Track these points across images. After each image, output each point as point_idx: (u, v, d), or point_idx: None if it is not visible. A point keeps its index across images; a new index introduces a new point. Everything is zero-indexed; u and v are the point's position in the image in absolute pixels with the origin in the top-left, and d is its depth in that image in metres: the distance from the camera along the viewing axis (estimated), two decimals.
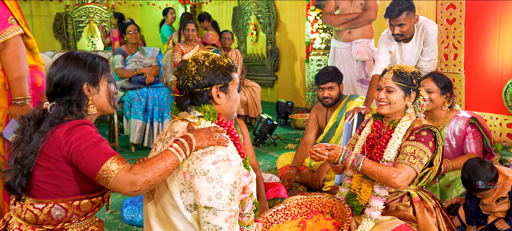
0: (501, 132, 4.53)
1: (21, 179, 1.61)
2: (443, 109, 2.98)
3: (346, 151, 2.16)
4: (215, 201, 1.53)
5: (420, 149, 2.13)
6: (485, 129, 2.90)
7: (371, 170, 2.11)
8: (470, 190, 2.49)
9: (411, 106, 2.27)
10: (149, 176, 1.52)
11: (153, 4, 10.94)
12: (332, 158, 2.14)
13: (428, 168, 2.20)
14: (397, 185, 2.08)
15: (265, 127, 5.18)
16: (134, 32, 5.31)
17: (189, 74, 1.71)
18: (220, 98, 1.74)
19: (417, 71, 2.29)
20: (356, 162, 2.12)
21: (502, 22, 4.40)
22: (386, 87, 2.25)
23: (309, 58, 6.79)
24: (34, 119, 1.66)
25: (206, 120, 1.71)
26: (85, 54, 1.76)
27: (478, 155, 2.85)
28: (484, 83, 4.65)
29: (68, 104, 1.67)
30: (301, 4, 7.53)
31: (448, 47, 4.84)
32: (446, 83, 2.95)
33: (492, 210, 2.48)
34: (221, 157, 1.56)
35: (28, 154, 1.61)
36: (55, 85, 1.69)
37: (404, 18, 3.49)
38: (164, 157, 1.55)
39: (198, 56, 1.75)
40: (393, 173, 2.07)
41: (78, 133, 1.59)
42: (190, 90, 1.71)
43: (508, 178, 2.45)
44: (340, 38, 4.54)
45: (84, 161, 1.56)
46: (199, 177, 1.54)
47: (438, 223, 2.18)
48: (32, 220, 1.63)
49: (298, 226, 2.25)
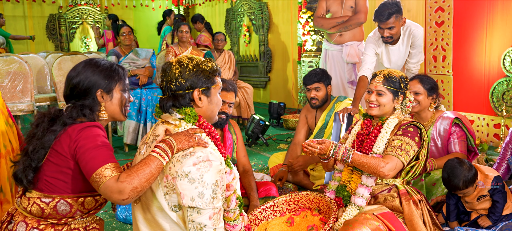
0: (488, 132, 4.63)
1: (28, 172, 1.68)
2: (429, 110, 3.07)
3: (336, 145, 2.26)
4: (198, 200, 1.58)
5: (406, 142, 2.25)
6: (469, 129, 2.99)
7: (360, 161, 2.22)
8: (451, 189, 2.58)
9: (398, 108, 2.41)
10: (136, 183, 1.55)
11: (146, 5, 10.99)
12: (323, 151, 2.24)
13: (415, 161, 2.32)
14: (385, 174, 2.20)
15: (257, 128, 5.25)
16: (128, 34, 5.35)
17: (172, 76, 1.75)
18: (201, 101, 1.78)
19: (404, 75, 2.44)
20: (346, 154, 2.23)
21: (489, 25, 4.50)
22: (377, 90, 2.39)
23: (301, 59, 6.87)
24: (49, 117, 1.74)
25: (186, 122, 1.76)
26: (103, 62, 1.84)
27: (462, 154, 2.93)
28: (471, 85, 4.75)
29: (81, 108, 1.75)
30: (293, 6, 7.61)
31: (437, 49, 4.94)
32: (433, 85, 3.04)
33: (474, 208, 2.57)
34: (201, 157, 1.60)
35: (39, 148, 1.69)
36: (72, 88, 1.78)
37: (393, 21, 3.58)
38: (148, 163, 1.58)
39: (182, 59, 1.79)
40: (381, 162, 2.20)
41: (86, 134, 1.66)
42: (173, 92, 1.75)
43: (487, 177, 2.54)
44: (331, 41, 4.62)
45: (84, 160, 1.62)
46: (181, 179, 1.58)
47: (423, 216, 2.29)
48: (38, 213, 1.70)
49: (286, 222, 2.32)
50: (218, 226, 1.65)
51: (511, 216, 2.50)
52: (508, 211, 2.53)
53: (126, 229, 2.99)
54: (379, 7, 3.61)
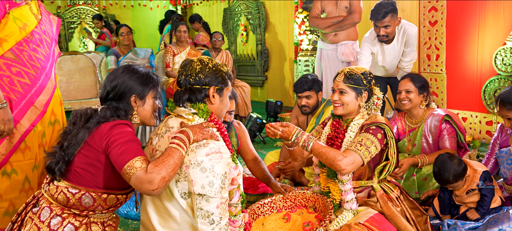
0: (480, 129, 4.72)
1: (61, 165, 1.79)
2: (421, 108, 3.17)
3: (299, 130, 2.20)
4: (208, 188, 1.69)
5: (367, 138, 2.20)
6: (459, 126, 3.09)
7: (319, 151, 2.16)
8: (441, 183, 2.67)
9: (364, 106, 2.37)
10: (163, 173, 1.65)
11: (144, 5, 11.04)
12: (285, 134, 2.19)
13: (385, 161, 2.30)
14: (341, 168, 2.13)
15: (254, 126, 5.34)
16: (127, 34, 5.43)
17: (193, 71, 1.89)
18: (214, 99, 1.92)
19: (367, 72, 2.40)
20: (307, 142, 2.17)
21: (481, 24, 4.59)
22: (339, 89, 2.36)
23: (297, 59, 6.96)
24: (85, 116, 1.85)
25: (199, 117, 1.88)
26: (141, 69, 1.97)
27: (452, 150, 3.03)
28: (464, 83, 4.84)
29: (116, 110, 1.86)
30: (290, 5, 7.68)
31: (430, 48, 5.03)
32: (423, 83, 3.13)
33: (464, 201, 2.67)
34: (213, 149, 1.72)
35: (73, 144, 1.79)
36: (108, 92, 1.90)
37: (388, 20, 3.67)
38: (171, 154, 1.69)
39: (203, 58, 1.95)
40: (339, 155, 2.14)
41: (118, 130, 1.77)
42: (191, 85, 1.88)
43: (476, 172, 2.64)
44: (326, 40, 4.71)
45: (116, 153, 1.71)
46: (193, 167, 1.70)
47: (404, 212, 2.32)
48: (63, 201, 1.80)
49: (283, 218, 2.40)
50: (224, 216, 1.75)
51: (498, 209, 2.60)
52: (495, 204, 2.63)
53: (127, 224, 3.07)
54: (376, 6, 3.70)
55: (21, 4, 2.27)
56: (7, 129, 2.14)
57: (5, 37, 2.19)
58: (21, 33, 2.24)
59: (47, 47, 2.39)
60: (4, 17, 2.19)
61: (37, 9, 2.41)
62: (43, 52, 2.35)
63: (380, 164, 2.32)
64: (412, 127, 3.22)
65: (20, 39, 2.24)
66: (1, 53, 2.18)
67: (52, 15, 2.63)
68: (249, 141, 3.11)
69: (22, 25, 2.24)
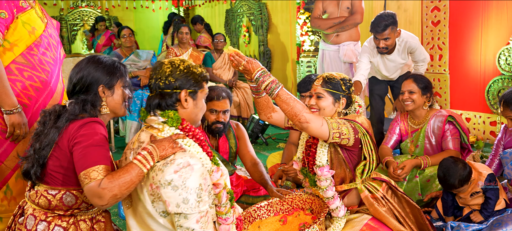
0: (484, 130, 4.69)
1: (36, 168, 1.76)
2: (424, 108, 3.14)
3: (265, 70, 2.02)
4: (183, 206, 1.60)
5: (336, 121, 2.13)
6: (462, 127, 3.06)
7: (285, 99, 2.01)
8: (446, 188, 2.65)
9: (341, 111, 2.29)
10: (115, 191, 1.59)
11: (146, 7, 11.06)
12: (248, 69, 2.00)
13: (364, 161, 2.24)
14: (305, 119, 2.01)
15: (257, 127, 5.33)
16: (129, 36, 5.43)
17: (162, 74, 1.77)
18: (187, 103, 1.80)
19: (347, 78, 2.31)
20: (272, 86, 2.00)
21: (484, 24, 4.57)
22: (316, 93, 2.28)
23: (299, 60, 6.94)
24: (54, 114, 1.80)
25: (169, 126, 1.77)
26: (106, 59, 1.90)
27: (456, 151, 3.00)
28: (467, 83, 4.81)
29: (84, 103, 1.80)
30: (292, 6, 7.67)
31: (433, 48, 5.00)
32: (426, 84, 3.11)
33: (468, 203, 2.64)
34: (181, 164, 1.62)
35: (44, 145, 1.75)
36: (74, 84, 1.84)
37: (388, 33, 3.65)
38: (129, 170, 1.62)
39: (174, 60, 1.82)
40: (306, 111, 2.04)
41: (85, 130, 1.72)
42: (161, 90, 1.77)
43: (481, 174, 2.61)
44: (328, 41, 4.69)
45: (77, 157, 1.67)
46: (164, 187, 1.61)
47: (392, 210, 2.24)
48: (45, 205, 1.78)
49: (280, 220, 2.39)
50: (206, 228, 1.68)
51: (502, 211, 2.57)
52: (500, 206, 2.60)
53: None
54: (376, 19, 3.68)
55: (27, 8, 2.27)
56: (23, 133, 2.15)
57: (16, 42, 2.19)
58: (31, 37, 2.24)
59: (54, 50, 2.40)
60: (13, 22, 2.19)
61: (41, 12, 2.41)
62: (52, 56, 2.36)
63: (359, 163, 2.26)
64: (415, 128, 3.20)
65: (30, 44, 2.24)
66: (13, 58, 2.18)
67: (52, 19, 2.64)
68: (248, 142, 3.08)
69: (31, 29, 2.24)
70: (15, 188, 2.25)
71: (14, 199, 2.25)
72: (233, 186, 3.07)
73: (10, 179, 2.22)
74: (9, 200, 2.25)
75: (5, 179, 2.21)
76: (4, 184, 2.22)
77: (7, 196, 2.24)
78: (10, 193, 2.25)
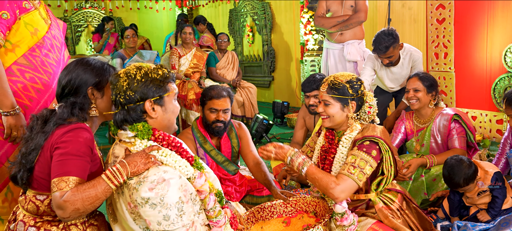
0: (490, 128, 4.65)
1: (23, 173, 1.73)
2: (429, 107, 3.11)
3: (295, 152, 2.08)
4: (165, 223, 1.54)
5: (361, 158, 2.04)
6: (468, 125, 3.03)
7: (313, 177, 2.04)
8: (452, 187, 2.61)
9: (352, 116, 2.19)
10: (78, 205, 1.54)
11: (150, 7, 11.06)
12: (279, 157, 2.07)
13: (381, 176, 2.15)
14: (334, 196, 2.00)
15: (261, 127, 5.31)
16: (132, 36, 5.43)
17: (120, 89, 1.66)
18: (155, 112, 1.70)
19: (354, 79, 2.20)
20: (302, 165, 2.06)
21: (490, 21, 4.52)
22: (323, 100, 2.20)
23: (303, 59, 6.92)
24: (42, 118, 1.77)
25: (140, 140, 1.69)
26: (94, 61, 1.88)
27: (462, 150, 2.97)
28: (473, 81, 4.77)
29: (72, 107, 1.77)
30: (295, 6, 7.65)
31: (438, 46, 4.96)
32: (432, 82, 3.08)
33: (475, 203, 2.61)
34: (155, 181, 1.54)
35: (31, 150, 1.73)
36: (63, 87, 1.81)
37: (391, 52, 3.64)
38: (96, 185, 1.57)
39: (130, 69, 1.70)
40: (332, 183, 2.00)
41: (68, 137, 1.68)
42: (123, 105, 1.66)
43: (487, 173, 2.58)
44: (332, 40, 4.66)
45: (53, 162, 1.64)
46: (142, 206, 1.54)
47: (408, 222, 2.18)
48: (34, 210, 1.76)
49: (283, 222, 2.37)
50: None
51: (510, 210, 2.53)
52: (507, 205, 2.56)
53: None
54: (376, 38, 3.63)
55: (30, 9, 2.26)
56: (20, 135, 2.13)
57: (18, 43, 2.18)
58: (33, 38, 2.23)
59: (58, 51, 2.39)
60: (15, 23, 2.18)
61: (45, 13, 2.40)
62: (55, 57, 2.34)
63: (376, 178, 2.18)
64: (421, 127, 3.17)
65: (32, 45, 2.22)
66: (14, 59, 2.16)
67: (58, 20, 2.63)
68: (250, 142, 3.05)
69: (33, 30, 2.23)
70: (16, 190, 2.24)
71: (15, 201, 2.24)
72: (236, 186, 3.05)
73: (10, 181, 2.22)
74: (10, 202, 2.24)
75: (5, 180, 2.20)
76: (5, 186, 2.21)
77: (8, 198, 2.23)
78: (11, 195, 2.24)
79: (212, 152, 2.93)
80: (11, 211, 2.16)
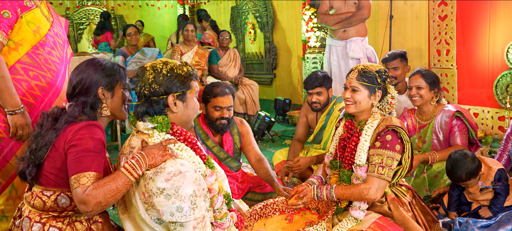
0: (492, 125, 4.65)
1: (32, 169, 1.76)
2: (431, 104, 3.11)
3: (317, 189, 2.22)
4: (177, 215, 1.57)
5: (387, 156, 2.12)
6: (470, 122, 3.03)
7: (345, 196, 2.16)
8: (453, 180, 2.62)
9: (376, 105, 2.26)
10: (100, 198, 1.58)
11: (152, 5, 11.07)
12: (307, 202, 2.22)
13: (398, 166, 2.19)
14: (371, 198, 2.12)
15: (263, 124, 5.31)
16: (134, 34, 5.43)
17: (146, 81, 1.72)
18: (177, 107, 1.75)
19: (382, 69, 2.27)
20: (330, 193, 2.19)
21: (492, 18, 4.52)
22: (351, 86, 2.25)
23: (305, 56, 6.92)
24: (52, 116, 1.80)
25: (159, 132, 1.73)
26: (105, 61, 1.91)
27: (464, 146, 2.97)
28: (475, 78, 4.77)
29: (83, 106, 1.81)
30: (297, 3, 7.64)
31: (440, 43, 4.96)
32: (434, 79, 3.08)
33: (477, 198, 2.61)
34: (172, 172, 1.57)
35: (41, 146, 1.75)
36: (74, 87, 1.84)
37: (397, 63, 3.72)
38: (116, 178, 1.60)
39: (156, 63, 1.76)
40: (363, 190, 2.11)
41: (82, 134, 1.71)
42: (147, 97, 1.73)
43: (491, 169, 2.58)
44: (336, 37, 4.66)
45: (70, 159, 1.67)
46: (157, 196, 1.57)
47: (415, 217, 2.23)
48: (40, 206, 1.78)
49: (285, 219, 2.38)
50: None
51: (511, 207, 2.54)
52: (509, 202, 2.57)
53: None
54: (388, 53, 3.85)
55: (32, 7, 2.27)
56: (26, 133, 2.15)
57: (20, 42, 2.19)
58: (35, 36, 2.24)
59: (61, 49, 2.40)
60: (17, 22, 2.19)
61: (47, 11, 2.40)
62: (58, 55, 2.35)
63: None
64: (422, 124, 3.17)
65: (35, 43, 2.23)
66: (18, 57, 2.17)
67: (60, 17, 2.63)
68: (252, 139, 3.07)
69: (35, 28, 2.24)
70: (20, 187, 2.25)
71: (19, 198, 2.25)
72: (239, 182, 3.07)
73: (15, 179, 2.23)
74: (14, 199, 2.25)
75: (10, 178, 2.21)
76: (9, 183, 2.22)
77: (12, 195, 2.25)
78: (15, 192, 2.25)
79: (214, 148, 2.94)
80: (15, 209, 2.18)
